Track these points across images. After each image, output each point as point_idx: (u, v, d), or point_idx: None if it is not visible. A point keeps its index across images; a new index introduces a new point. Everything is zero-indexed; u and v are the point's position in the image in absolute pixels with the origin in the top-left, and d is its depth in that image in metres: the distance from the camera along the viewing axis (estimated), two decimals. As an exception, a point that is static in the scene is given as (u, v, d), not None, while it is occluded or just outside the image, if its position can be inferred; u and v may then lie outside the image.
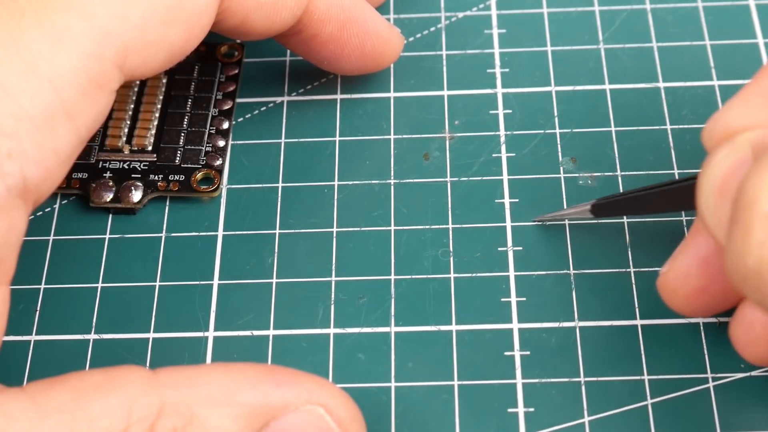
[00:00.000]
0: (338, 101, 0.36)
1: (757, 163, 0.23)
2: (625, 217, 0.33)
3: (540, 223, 0.33)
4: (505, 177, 0.34)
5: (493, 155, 0.35)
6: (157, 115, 0.35)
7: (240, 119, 0.36)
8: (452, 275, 0.32)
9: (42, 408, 0.23)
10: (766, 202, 0.22)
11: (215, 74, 0.36)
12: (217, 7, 0.29)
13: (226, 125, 0.35)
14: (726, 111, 0.26)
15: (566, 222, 0.33)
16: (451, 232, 0.33)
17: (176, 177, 0.34)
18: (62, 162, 0.26)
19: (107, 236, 0.34)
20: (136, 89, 0.36)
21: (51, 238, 0.34)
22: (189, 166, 0.34)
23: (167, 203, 0.34)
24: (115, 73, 0.27)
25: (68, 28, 0.25)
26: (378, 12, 0.34)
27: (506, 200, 0.34)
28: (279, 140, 0.35)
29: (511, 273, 0.32)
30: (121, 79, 0.27)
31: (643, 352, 0.31)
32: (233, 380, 0.25)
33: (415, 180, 0.34)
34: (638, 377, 0.30)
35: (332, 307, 0.32)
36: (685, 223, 0.33)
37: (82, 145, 0.27)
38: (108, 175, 0.34)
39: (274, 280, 0.33)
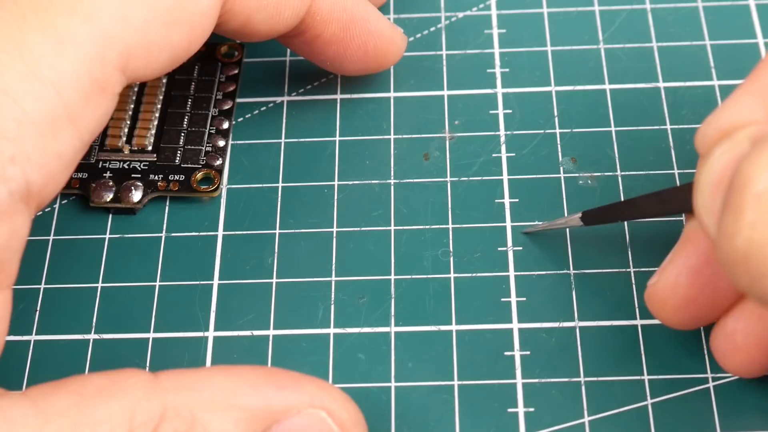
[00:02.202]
0: (338, 101, 0.36)
1: (753, 148, 0.22)
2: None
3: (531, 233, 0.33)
4: (505, 177, 0.34)
5: (493, 155, 0.35)
6: (157, 115, 0.35)
7: (240, 119, 0.36)
8: (452, 275, 0.32)
9: (44, 413, 0.23)
10: (759, 182, 0.22)
11: (215, 74, 0.36)
12: (220, 8, 0.29)
13: (226, 125, 0.35)
14: (718, 114, 0.26)
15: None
16: (451, 232, 0.33)
17: (176, 177, 0.34)
18: (65, 166, 0.26)
19: (107, 236, 0.34)
20: (136, 89, 0.36)
21: (51, 238, 0.34)
22: (189, 166, 0.34)
23: (167, 203, 0.34)
24: (118, 76, 0.27)
25: (70, 31, 0.25)
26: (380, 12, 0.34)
27: (506, 200, 0.34)
28: (279, 140, 0.35)
29: (511, 273, 0.32)
30: (123, 81, 0.27)
31: (643, 352, 0.31)
32: (235, 383, 0.25)
33: (415, 180, 0.34)
34: (638, 377, 0.30)
35: (332, 307, 0.32)
36: (684, 224, 0.33)
37: (85, 148, 0.27)
38: (108, 175, 0.34)
39: (274, 280, 0.33)
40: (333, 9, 0.32)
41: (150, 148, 0.35)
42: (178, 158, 0.34)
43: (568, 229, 0.33)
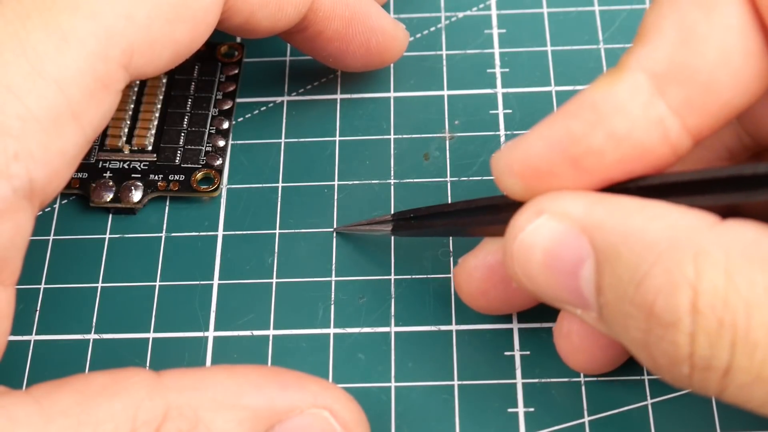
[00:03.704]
0: (338, 101, 0.36)
1: (646, 276, 0.23)
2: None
3: (342, 232, 0.33)
4: (505, 177, 0.34)
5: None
6: (157, 115, 0.35)
7: (240, 119, 0.36)
8: (452, 275, 0.32)
9: (47, 411, 0.23)
10: (687, 324, 0.22)
11: (215, 74, 0.36)
12: (222, 5, 0.29)
13: (226, 125, 0.35)
14: (510, 148, 0.26)
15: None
16: (451, 232, 0.33)
17: (176, 177, 0.34)
18: (68, 163, 0.26)
19: (107, 236, 0.34)
20: (136, 89, 0.36)
21: (51, 238, 0.34)
22: (189, 166, 0.34)
23: (167, 203, 0.34)
24: (121, 73, 0.27)
25: (74, 28, 0.25)
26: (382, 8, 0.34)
27: (506, 200, 0.34)
28: (279, 140, 0.35)
29: (511, 273, 0.32)
30: (126, 78, 0.27)
31: (643, 352, 0.31)
32: (238, 383, 0.25)
33: (415, 180, 0.34)
34: (638, 377, 0.30)
35: (332, 307, 0.32)
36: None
37: (88, 145, 0.27)
38: (108, 175, 0.34)
39: (274, 280, 0.33)
40: (335, 5, 0.32)
41: (150, 148, 0.35)
42: (178, 158, 0.34)
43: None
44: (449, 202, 0.34)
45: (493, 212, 0.27)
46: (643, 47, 0.25)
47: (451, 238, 0.33)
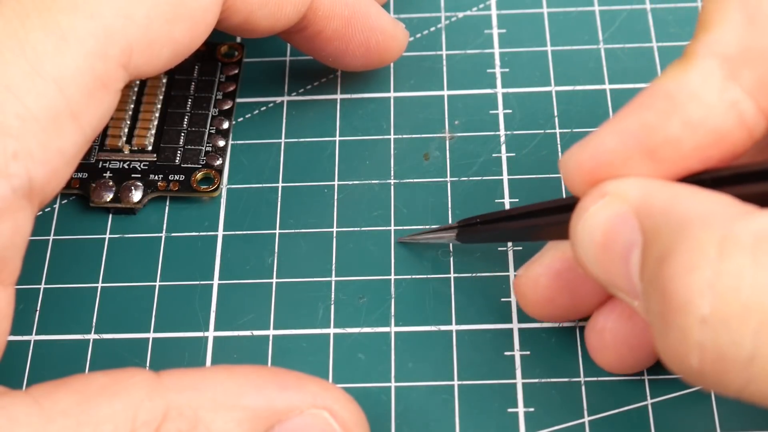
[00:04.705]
0: (338, 101, 0.36)
1: (670, 255, 0.22)
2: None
3: (406, 242, 0.33)
4: (505, 177, 0.34)
5: (493, 155, 0.35)
6: (157, 115, 0.35)
7: (240, 119, 0.36)
8: (452, 275, 0.32)
9: (46, 412, 0.23)
10: (700, 306, 0.21)
11: (215, 74, 0.36)
12: (222, 4, 0.29)
13: (226, 125, 0.35)
14: (580, 148, 0.26)
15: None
16: (451, 232, 0.33)
17: (176, 177, 0.34)
18: (68, 162, 0.26)
19: (107, 236, 0.34)
20: (136, 89, 0.36)
21: (51, 238, 0.34)
22: (189, 166, 0.34)
23: (167, 203, 0.34)
24: (120, 73, 0.27)
25: (73, 28, 0.25)
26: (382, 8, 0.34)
27: (506, 200, 0.34)
28: (279, 140, 0.35)
29: (511, 272, 0.32)
30: (126, 78, 0.27)
31: (643, 352, 0.31)
32: (238, 383, 0.25)
33: (415, 180, 0.34)
34: (638, 377, 0.30)
35: (332, 307, 0.32)
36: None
37: (88, 145, 0.27)
38: (108, 175, 0.34)
39: (274, 280, 0.33)
40: (334, 5, 0.32)
41: (150, 148, 0.35)
42: (178, 158, 0.34)
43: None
44: (452, 201, 0.34)
45: (564, 212, 0.27)
46: (710, 33, 0.25)
47: (451, 238, 0.33)
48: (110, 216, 0.34)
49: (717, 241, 0.21)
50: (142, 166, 0.34)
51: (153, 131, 0.35)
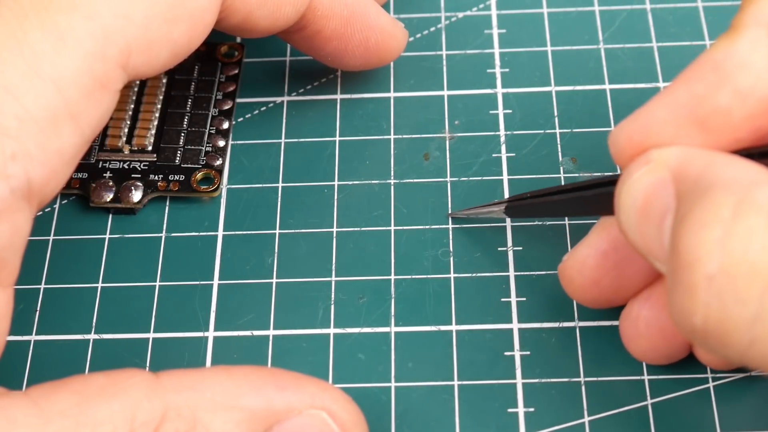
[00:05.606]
0: (338, 101, 0.36)
1: (687, 214, 0.22)
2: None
3: (458, 217, 0.33)
4: (505, 177, 0.34)
5: (493, 155, 0.35)
6: (157, 115, 0.35)
7: (240, 119, 0.36)
8: (452, 275, 0.32)
9: (45, 412, 0.23)
10: (708, 263, 0.21)
11: (215, 74, 0.36)
12: (220, 4, 0.29)
13: (226, 125, 0.35)
14: (630, 121, 0.26)
15: (566, 222, 0.33)
16: (451, 232, 0.33)
17: (176, 177, 0.34)
18: (66, 163, 0.26)
19: (107, 236, 0.34)
20: (136, 89, 0.36)
21: (51, 238, 0.34)
22: (189, 166, 0.34)
23: (167, 203, 0.34)
24: (119, 73, 0.27)
25: (71, 28, 0.25)
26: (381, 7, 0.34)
27: (506, 201, 0.34)
28: (279, 140, 0.35)
29: (511, 273, 0.32)
30: (124, 78, 0.27)
31: (643, 352, 0.31)
32: (236, 384, 0.25)
33: (415, 180, 0.34)
34: (638, 377, 0.30)
35: (332, 307, 0.32)
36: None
37: (87, 145, 0.27)
38: (108, 175, 0.34)
39: (274, 280, 0.33)
40: (334, 4, 0.32)
41: (150, 148, 0.35)
42: (178, 158, 0.34)
43: (568, 229, 0.33)
44: (452, 201, 0.34)
45: (613, 185, 0.27)
46: (755, 4, 0.25)
47: (451, 237, 0.33)
48: (110, 216, 0.34)
49: (733, 202, 0.22)
50: (142, 166, 0.34)
51: (153, 131, 0.35)
